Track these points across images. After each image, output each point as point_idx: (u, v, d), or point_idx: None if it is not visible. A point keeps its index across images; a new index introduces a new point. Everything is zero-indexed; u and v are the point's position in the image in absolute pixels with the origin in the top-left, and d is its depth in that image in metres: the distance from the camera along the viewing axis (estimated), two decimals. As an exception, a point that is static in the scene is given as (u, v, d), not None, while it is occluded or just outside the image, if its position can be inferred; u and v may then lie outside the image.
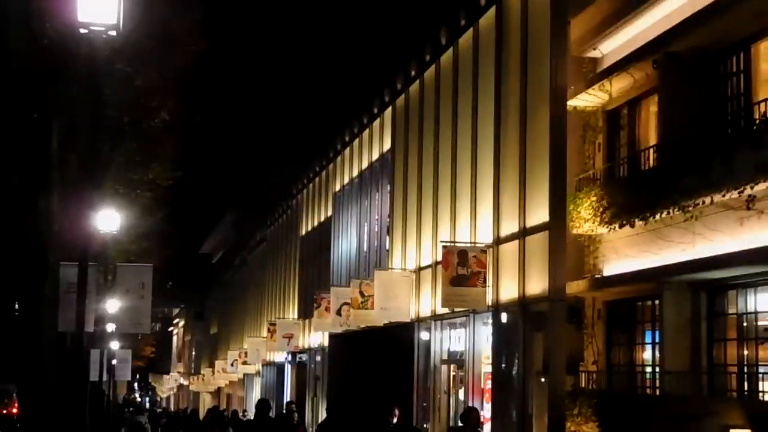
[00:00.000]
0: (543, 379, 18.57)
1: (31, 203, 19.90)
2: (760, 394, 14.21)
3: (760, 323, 14.40)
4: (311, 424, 36.02)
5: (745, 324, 14.73)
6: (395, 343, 27.10)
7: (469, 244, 21.49)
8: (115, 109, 21.70)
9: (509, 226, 20.39)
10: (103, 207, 23.27)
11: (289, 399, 33.55)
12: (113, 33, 13.14)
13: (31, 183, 19.98)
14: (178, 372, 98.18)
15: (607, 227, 17.10)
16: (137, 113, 23.34)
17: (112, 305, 28.73)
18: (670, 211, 15.16)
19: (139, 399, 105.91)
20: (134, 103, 22.80)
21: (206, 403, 78.94)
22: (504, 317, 20.37)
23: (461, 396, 23.06)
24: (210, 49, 24.45)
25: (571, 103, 18.50)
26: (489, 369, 21.30)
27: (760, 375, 14.36)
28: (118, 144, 23.57)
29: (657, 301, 16.32)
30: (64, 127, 19.98)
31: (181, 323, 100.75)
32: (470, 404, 21.93)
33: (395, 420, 19.35)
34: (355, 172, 34.10)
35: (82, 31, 13.09)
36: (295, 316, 43.28)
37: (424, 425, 25.08)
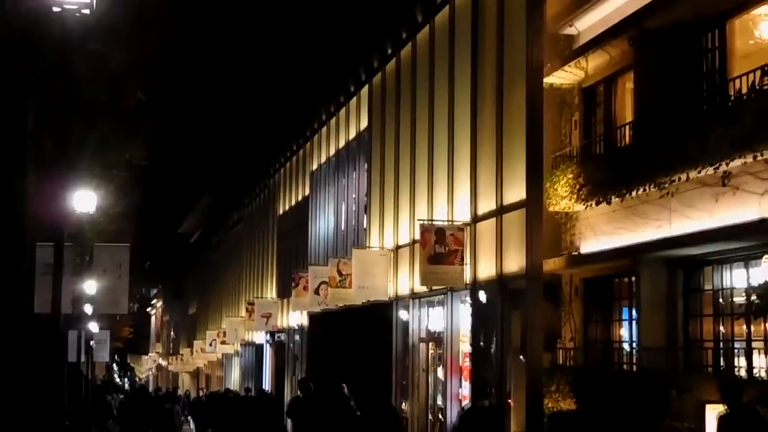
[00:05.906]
0: (521, 357, 18.64)
1: (5, 184, 19.76)
2: (736, 370, 14.30)
3: (735, 299, 14.47)
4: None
5: (720, 300, 14.81)
6: (374, 321, 27.13)
7: (446, 222, 21.51)
8: (90, 88, 21.53)
9: (486, 204, 20.41)
10: (79, 187, 23.08)
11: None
12: (86, 11, 13.04)
13: (6, 163, 19.83)
14: (157, 352, 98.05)
15: (584, 204, 17.12)
16: (112, 93, 23.18)
17: (90, 286, 28.67)
18: (646, 187, 15.20)
19: (118, 380, 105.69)
20: (109, 82, 22.64)
21: (185, 383, 78.91)
22: (482, 295, 20.42)
23: (440, 374, 23.13)
24: (185, 28, 24.28)
25: (548, 80, 18.48)
26: (467, 347, 21.37)
27: (736, 351, 14.45)
28: (94, 124, 23.40)
29: (633, 278, 16.37)
30: (39, 107, 19.83)
31: (159, 303, 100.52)
32: (449, 383, 22.01)
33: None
34: (332, 151, 34.04)
35: (55, 9, 12.98)
36: (274, 296, 43.27)
37: (403, 403, 25.17)
